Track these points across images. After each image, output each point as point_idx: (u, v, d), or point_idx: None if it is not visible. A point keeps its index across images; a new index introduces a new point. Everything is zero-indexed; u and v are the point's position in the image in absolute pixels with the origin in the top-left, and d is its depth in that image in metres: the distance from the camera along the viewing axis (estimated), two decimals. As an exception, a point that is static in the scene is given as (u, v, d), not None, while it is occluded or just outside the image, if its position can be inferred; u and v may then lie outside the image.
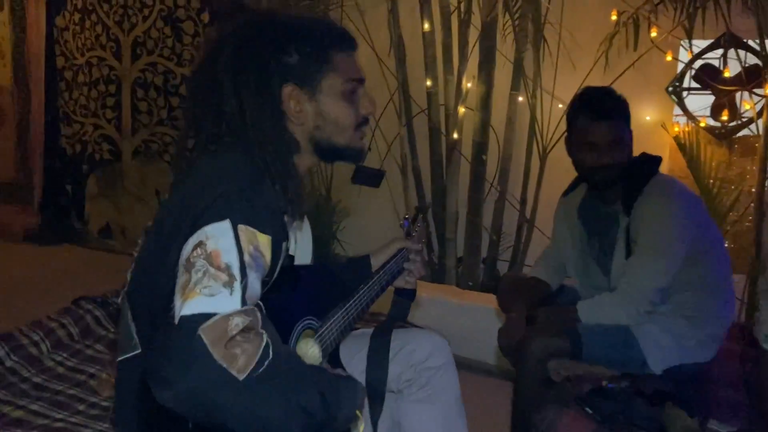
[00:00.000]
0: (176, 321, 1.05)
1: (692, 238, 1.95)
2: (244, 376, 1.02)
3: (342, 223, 4.03)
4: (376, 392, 1.49)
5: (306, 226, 1.50)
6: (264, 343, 1.06)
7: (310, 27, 1.36)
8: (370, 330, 1.63)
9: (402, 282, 1.68)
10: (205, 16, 4.23)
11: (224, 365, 1.01)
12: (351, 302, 1.49)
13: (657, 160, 2.08)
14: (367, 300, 1.53)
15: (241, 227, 1.14)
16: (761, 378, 1.78)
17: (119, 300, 1.37)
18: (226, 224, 1.13)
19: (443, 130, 3.53)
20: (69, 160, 4.82)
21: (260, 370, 1.03)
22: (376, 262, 1.69)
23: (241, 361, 1.02)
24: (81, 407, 1.67)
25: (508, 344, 2.08)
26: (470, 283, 3.47)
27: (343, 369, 1.39)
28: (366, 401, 1.32)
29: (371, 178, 2.60)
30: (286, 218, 1.33)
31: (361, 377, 1.49)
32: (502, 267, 3.62)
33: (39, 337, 1.96)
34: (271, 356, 1.05)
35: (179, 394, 1.01)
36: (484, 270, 3.57)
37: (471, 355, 3.02)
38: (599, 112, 1.98)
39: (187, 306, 1.05)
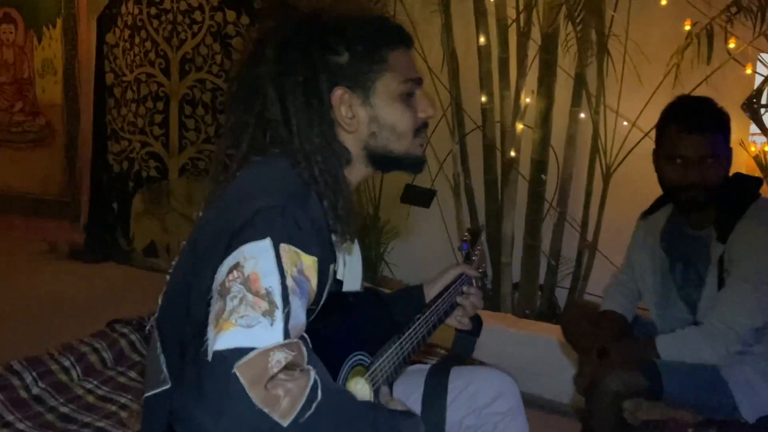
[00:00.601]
0: (209, 357, 0.91)
1: None
2: (289, 421, 0.88)
3: (390, 245, 3.87)
4: None
5: (356, 247, 1.34)
6: (311, 382, 0.92)
7: (361, 23, 1.21)
8: (427, 366, 1.46)
9: (455, 321, 1.48)
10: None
11: (265, 409, 0.87)
12: (406, 335, 1.32)
13: (757, 182, 1.86)
14: (424, 332, 1.36)
15: (283, 247, 1.00)
16: None
17: (147, 330, 1.23)
18: (266, 243, 0.99)
19: (499, 147, 3.34)
20: (116, 178, 4.79)
21: (307, 414, 0.89)
22: (430, 292, 1.50)
23: (284, 404, 0.88)
24: (109, 443, 1.54)
25: (582, 382, 1.88)
26: (527, 311, 3.26)
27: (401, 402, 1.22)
28: None
29: (421, 197, 2.44)
30: (334, 238, 1.18)
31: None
32: (561, 294, 3.40)
33: (70, 363, 1.84)
34: (319, 397, 0.91)
35: None
36: (541, 297, 3.35)
37: (527, 389, 2.80)
38: (692, 123, 1.78)
39: (221, 339, 0.91)
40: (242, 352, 0.90)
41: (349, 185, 1.20)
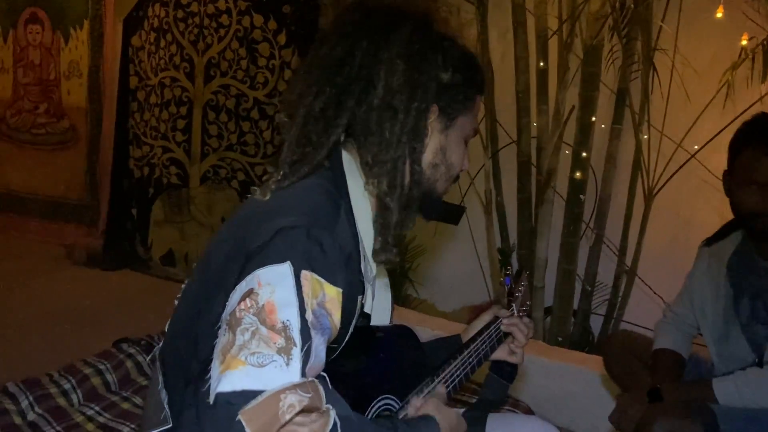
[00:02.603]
0: (211, 399, 0.77)
1: None
2: None
3: (416, 262, 3.71)
4: None
5: (384, 275, 1.19)
6: (330, 426, 0.78)
7: (463, 52, 1.13)
8: (461, 410, 1.30)
9: (504, 354, 1.33)
10: (282, 38, 4.05)
11: None
12: (441, 377, 1.16)
13: None
14: (461, 375, 1.20)
15: (305, 274, 0.86)
16: None
17: (149, 360, 1.09)
18: (286, 268, 0.85)
19: (534, 164, 3.18)
20: (136, 183, 4.69)
21: None
22: (466, 338, 1.36)
23: None
24: (106, 479, 1.39)
25: (627, 425, 1.71)
26: (560, 339, 3.07)
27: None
28: None
29: (450, 213, 2.30)
30: (363, 266, 1.03)
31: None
32: (595, 321, 3.21)
33: (70, 386, 1.71)
34: None
35: None
36: (574, 324, 3.17)
37: (556, 422, 2.63)
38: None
39: (226, 379, 0.78)
40: (250, 395, 0.76)
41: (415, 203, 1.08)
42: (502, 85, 3.31)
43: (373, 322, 1.12)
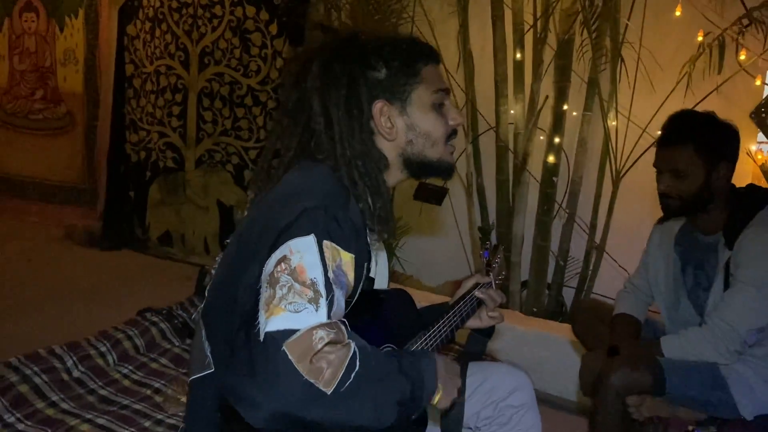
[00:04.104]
0: (261, 337, 1.01)
1: None
2: (332, 389, 0.98)
3: (402, 241, 3.96)
4: None
5: (383, 249, 1.44)
6: (351, 354, 1.02)
7: (395, 42, 1.33)
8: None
9: (482, 320, 1.58)
10: (274, 28, 4.24)
11: (311, 380, 0.98)
12: (431, 332, 1.42)
13: (766, 193, 1.94)
14: (447, 331, 1.45)
15: (325, 243, 1.10)
16: None
17: (193, 318, 1.33)
18: (310, 239, 1.09)
19: (512, 149, 3.43)
20: (133, 167, 4.88)
21: (348, 383, 1.00)
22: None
23: (327, 375, 0.99)
24: (147, 424, 1.63)
25: (589, 379, 1.97)
26: (535, 309, 3.35)
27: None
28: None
29: (434, 195, 2.53)
30: (369, 238, 1.27)
31: (435, 415, 1.41)
32: (568, 293, 3.49)
33: (106, 348, 1.94)
34: (357, 366, 1.02)
35: (268, 414, 0.98)
36: (548, 296, 3.45)
37: (536, 385, 2.89)
38: (665, 137, 1.92)
39: (271, 322, 1.01)
40: (290, 332, 1.00)
41: (387, 188, 1.29)
42: (481, 74, 3.55)
43: (376, 285, 1.36)
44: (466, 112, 3.55)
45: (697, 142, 1.88)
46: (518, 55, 3.37)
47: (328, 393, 0.98)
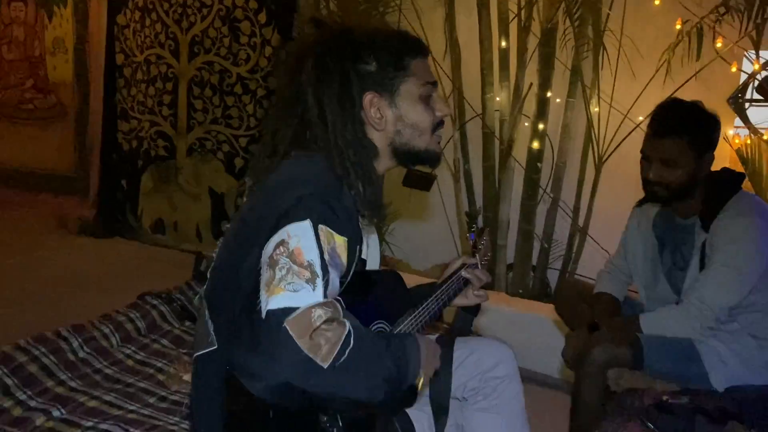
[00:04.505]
0: (263, 315, 1.10)
1: None
2: (329, 363, 1.07)
3: (392, 226, 4.05)
4: (440, 405, 1.50)
5: (374, 232, 1.53)
6: (346, 332, 1.11)
7: (385, 37, 1.41)
8: (433, 337, 1.65)
9: (468, 299, 1.68)
10: (263, 17, 4.29)
11: (310, 355, 1.06)
12: (420, 309, 1.51)
13: (740, 177, 2.04)
14: (435, 309, 1.55)
15: (321, 227, 1.18)
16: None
17: (196, 299, 1.41)
18: (307, 224, 1.17)
19: (497, 135, 3.52)
20: (125, 156, 4.93)
21: (343, 358, 1.08)
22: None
23: (325, 350, 1.07)
24: (151, 400, 1.72)
25: (572, 355, 2.08)
26: (520, 291, 3.46)
27: None
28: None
29: (422, 181, 2.60)
30: (361, 222, 1.36)
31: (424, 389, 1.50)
32: (552, 275, 3.60)
33: (109, 330, 2.03)
34: (352, 344, 1.10)
35: (270, 385, 1.08)
36: (533, 278, 3.55)
37: (521, 363, 2.99)
38: (657, 127, 1.98)
39: (272, 301, 1.10)
40: (290, 310, 1.09)
41: (377, 176, 1.38)
42: (468, 62, 3.63)
43: (368, 266, 1.45)
44: (453, 99, 3.64)
45: (691, 135, 1.94)
46: (503, 44, 3.46)
47: (325, 367, 1.07)
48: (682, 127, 1.95)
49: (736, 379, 1.94)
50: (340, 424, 1.21)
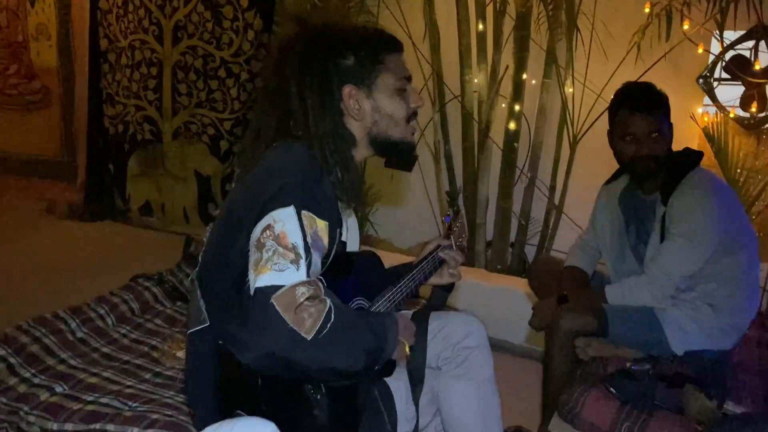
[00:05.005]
0: (252, 292, 1.21)
1: (724, 232, 2.05)
2: (311, 336, 1.19)
3: (375, 206, 4.16)
4: (417, 374, 1.63)
5: (353, 215, 1.64)
6: (327, 308, 1.23)
7: (362, 33, 1.52)
8: (410, 313, 1.77)
9: (443, 277, 1.79)
10: (245, 1, 4.34)
11: (295, 328, 1.18)
12: (397, 287, 1.63)
13: (698, 155, 2.17)
14: (412, 286, 1.67)
15: (304, 213, 1.29)
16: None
17: (189, 280, 1.52)
18: (291, 210, 1.28)
19: (476, 116, 3.62)
20: (112, 140, 4.99)
21: (324, 331, 1.20)
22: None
23: (308, 324, 1.19)
24: (147, 376, 1.83)
25: (539, 323, 2.21)
26: (499, 267, 3.59)
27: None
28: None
29: (403, 161, 2.72)
30: (341, 206, 1.47)
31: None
32: (530, 251, 3.73)
33: (104, 311, 2.13)
34: (333, 318, 1.22)
35: (258, 355, 1.19)
36: (511, 254, 3.68)
37: (498, 335, 3.15)
38: (639, 105, 2.10)
39: (260, 280, 1.21)
40: (276, 288, 1.20)
41: (355, 163, 1.49)
42: (447, 45, 3.71)
43: (348, 248, 1.57)
44: (433, 81, 3.73)
45: (664, 109, 2.12)
46: (480, 27, 3.54)
47: (308, 338, 1.19)
48: (658, 101, 2.12)
49: (694, 345, 2.08)
50: (324, 391, 1.34)
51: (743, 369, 2.13)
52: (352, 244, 1.62)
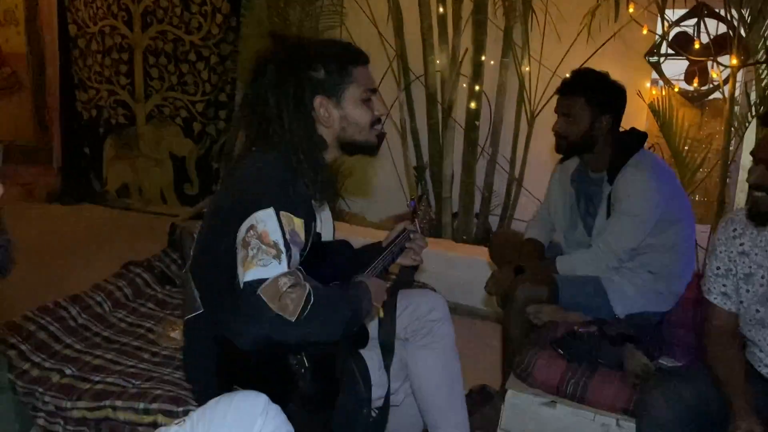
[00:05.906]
0: (241, 285, 1.42)
1: (663, 209, 2.26)
2: (295, 318, 1.40)
3: (346, 183, 4.34)
4: (388, 344, 1.85)
5: (327, 208, 1.84)
6: (307, 292, 1.44)
7: (332, 48, 1.70)
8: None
9: (408, 260, 1.98)
10: (213, -13, 4.44)
11: (280, 313, 1.39)
12: (368, 270, 1.84)
13: (643, 137, 2.38)
14: (381, 268, 1.87)
15: (282, 213, 1.50)
16: (701, 320, 2.11)
17: (183, 273, 1.70)
18: (270, 211, 1.48)
19: (439, 96, 3.81)
20: (86, 124, 5.07)
21: (306, 313, 1.41)
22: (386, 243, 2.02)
23: (291, 308, 1.40)
24: (145, 356, 2.03)
25: (496, 290, 2.43)
26: (464, 237, 3.82)
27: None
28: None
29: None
30: (314, 204, 1.67)
31: (375, 332, 1.85)
32: (493, 221, 3.97)
33: (101, 298, 2.32)
34: (312, 300, 1.43)
35: (251, 339, 1.41)
36: (476, 225, 3.92)
37: (465, 301, 3.40)
38: (562, 86, 2.35)
39: (248, 274, 1.42)
40: (262, 281, 1.40)
41: (326, 165, 1.68)
42: (409, 27, 3.87)
43: (323, 238, 1.77)
44: (397, 63, 3.90)
45: (587, 95, 2.29)
46: (441, 10, 3.71)
47: (293, 320, 1.40)
48: (581, 87, 2.31)
49: (635, 308, 2.32)
50: (307, 364, 1.56)
51: (679, 327, 2.38)
52: (327, 233, 1.82)
